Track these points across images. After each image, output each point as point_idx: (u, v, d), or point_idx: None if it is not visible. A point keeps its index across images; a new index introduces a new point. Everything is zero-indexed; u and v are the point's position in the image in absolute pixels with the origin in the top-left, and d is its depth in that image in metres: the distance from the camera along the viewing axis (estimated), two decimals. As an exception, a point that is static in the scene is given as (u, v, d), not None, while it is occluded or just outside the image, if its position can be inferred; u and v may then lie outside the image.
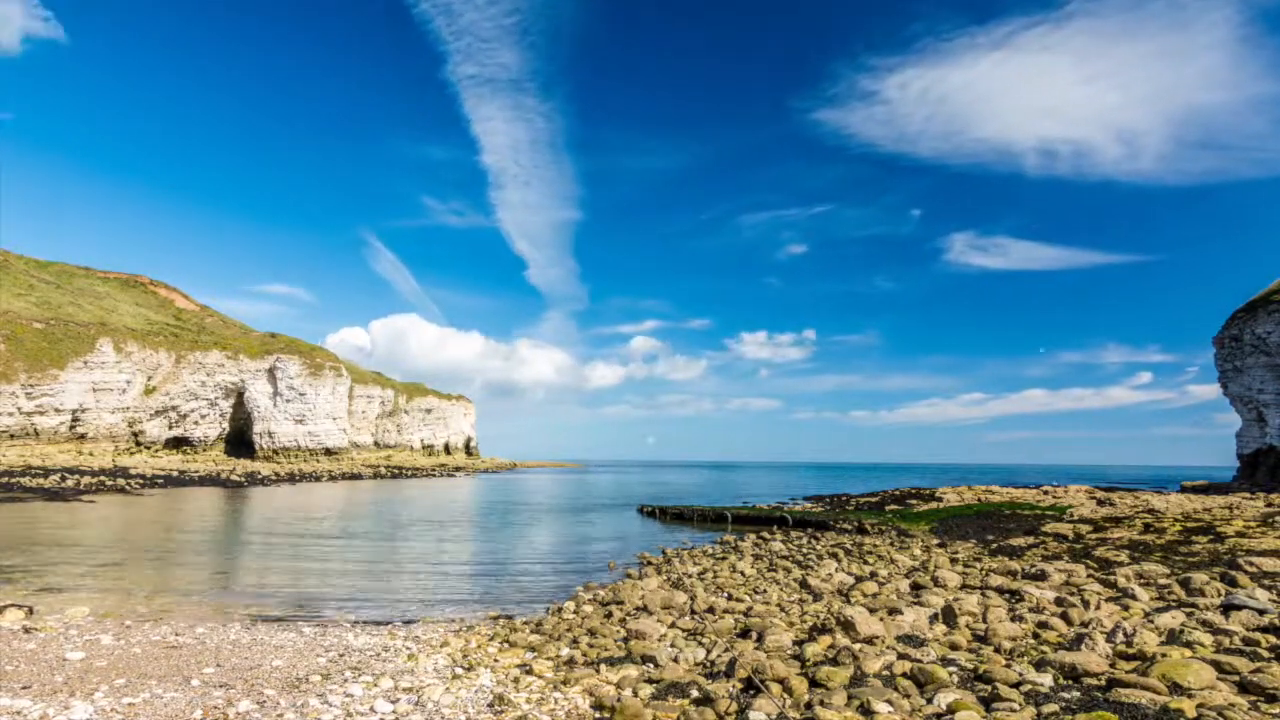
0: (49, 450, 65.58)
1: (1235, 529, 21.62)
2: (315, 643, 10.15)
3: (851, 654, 8.27)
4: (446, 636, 10.70)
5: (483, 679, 8.22)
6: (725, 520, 33.65)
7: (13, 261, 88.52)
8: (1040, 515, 30.79)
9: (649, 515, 37.30)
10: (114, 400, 73.46)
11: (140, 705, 7.03)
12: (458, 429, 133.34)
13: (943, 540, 23.99)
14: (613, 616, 12.09)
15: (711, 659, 8.91)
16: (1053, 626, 10.04)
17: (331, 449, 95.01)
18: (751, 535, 26.35)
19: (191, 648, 9.61)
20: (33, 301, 77.49)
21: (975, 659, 8.53)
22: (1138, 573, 14.32)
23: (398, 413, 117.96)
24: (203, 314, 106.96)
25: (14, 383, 63.49)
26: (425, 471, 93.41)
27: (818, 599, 13.32)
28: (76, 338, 71.76)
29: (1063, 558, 17.98)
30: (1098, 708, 6.49)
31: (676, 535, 28.38)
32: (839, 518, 30.78)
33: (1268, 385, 57.57)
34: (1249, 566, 14.21)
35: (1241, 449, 61.55)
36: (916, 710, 6.68)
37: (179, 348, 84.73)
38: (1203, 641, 8.65)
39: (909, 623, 10.17)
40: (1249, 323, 59.06)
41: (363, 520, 32.46)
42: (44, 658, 8.72)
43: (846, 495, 53.76)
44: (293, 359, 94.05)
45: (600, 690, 7.68)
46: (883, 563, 18.46)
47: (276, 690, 7.71)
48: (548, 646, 9.79)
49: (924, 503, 40.71)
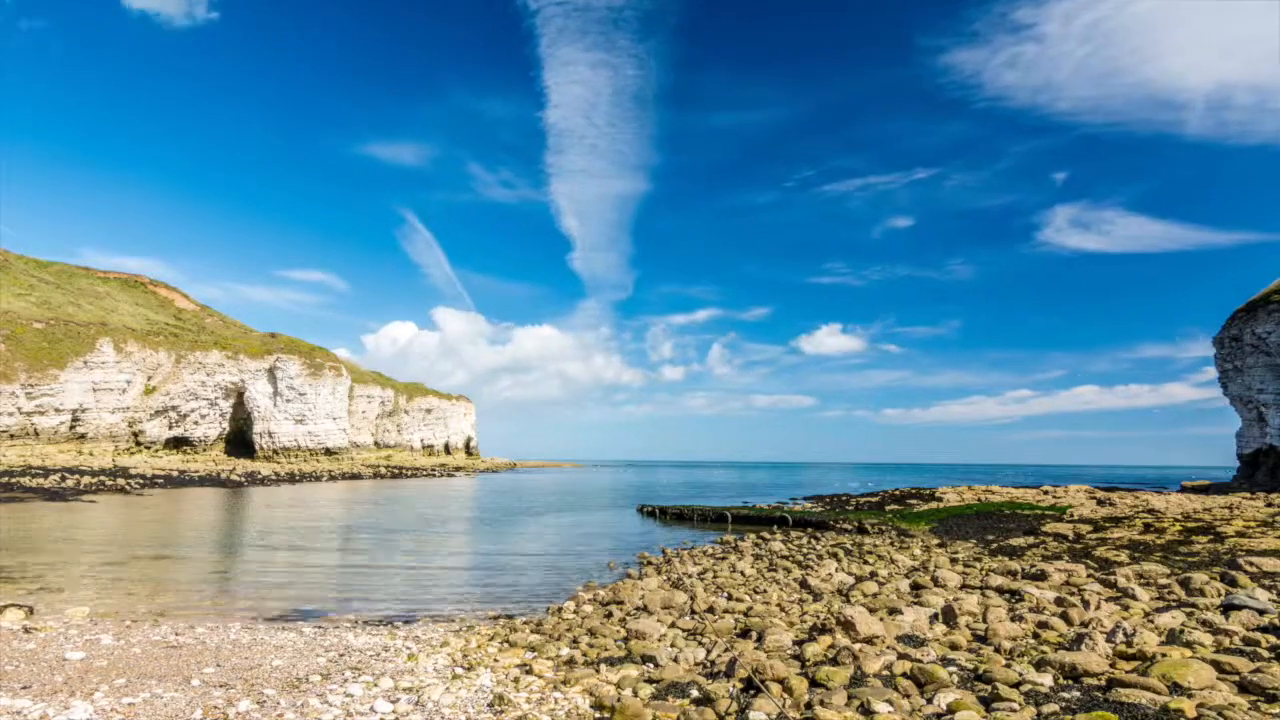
0: (49, 450, 65.56)
1: (1235, 529, 21.62)
2: (315, 642, 10.15)
3: (851, 654, 8.26)
4: (446, 636, 10.70)
5: (483, 679, 8.21)
6: (725, 520, 33.64)
7: (13, 261, 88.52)
8: (1040, 515, 30.78)
9: (649, 515, 37.29)
10: (114, 400, 73.44)
11: (140, 705, 7.03)
12: (458, 429, 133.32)
13: (943, 540, 23.98)
14: (613, 616, 12.09)
15: (711, 659, 8.91)
16: (1053, 626, 10.03)
17: (331, 449, 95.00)
18: (751, 535, 26.34)
19: (191, 648, 9.60)
20: (33, 301, 77.49)
21: (975, 659, 8.52)
22: (1138, 573, 14.31)
23: (398, 413, 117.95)
24: (203, 314, 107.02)
25: (14, 383, 63.47)
26: (425, 471, 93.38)
27: (818, 599, 13.32)
28: (76, 338, 71.74)
29: (1063, 558, 17.98)
30: (1098, 708, 6.49)
31: (676, 535, 28.37)
32: (839, 518, 30.77)
33: (1268, 385, 57.55)
34: (1249, 566, 14.21)
35: (1241, 449, 61.54)
36: (916, 710, 6.68)
37: (179, 348, 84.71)
38: (1203, 641, 8.65)
39: (909, 623, 10.17)
40: (1249, 323, 59.03)
41: (362, 520, 32.45)
42: (44, 658, 8.72)
43: (846, 495, 53.76)
44: (293, 359, 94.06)
45: (600, 690, 7.68)
46: (883, 563, 18.46)
47: (276, 690, 7.70)
48: (548, 646, 9.79)
49: (924, 502, 40.72)
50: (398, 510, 38.40)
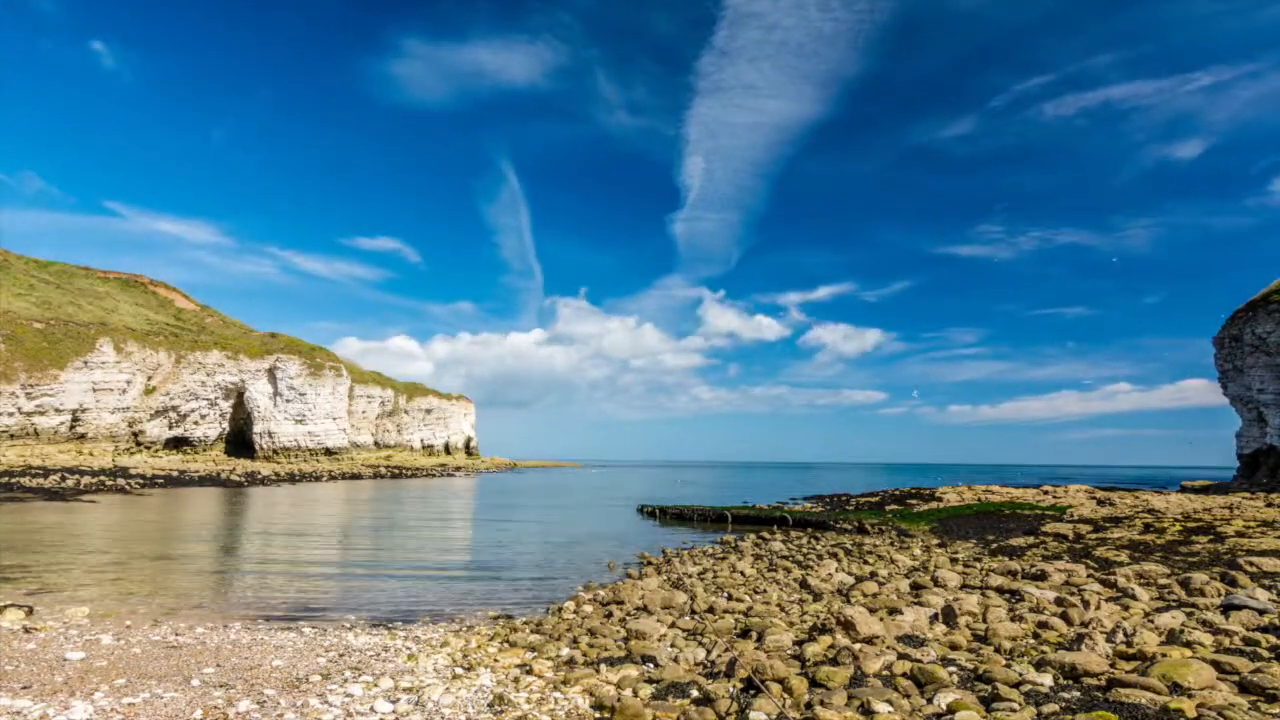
0: (49, 450, 65.54)
1: (1235, 529, 21.62)
2: (315, 642, 10.15)
3: (851, 654, 8.26)
4: (446, 636, 10.70)
5: (483, 679, 8.21)
6: (725, 520, 33.63)
7: (13, 261, 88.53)
8: (1040, 515, 30.79)
9: (649, 515, 37.28)
10: (114, 400, 73.43)
11: (140, 705, 7.03)
12: (458, 429, 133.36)
13: (943, 540, 23.98)
14: (613, 616, 12.09)
15: (711, 659, 8.91)
16: (1053, 626, 10.03)
17: (331, 449, 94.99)
18: (751, 535, 26.35)
19: (191, 648, 9.60)
20: (33, 301, 77.49)
21: (975, 659, 8.52)
22: (1138, 573, 14.31)
23: (398, 413, 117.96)
24: (203, 314, 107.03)
25: (14, 383, 63.46)
26: (425, 471, 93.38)
27: (818, 599, 13.32)
28: (76, 338, 71.74)
29: (1063, 558, 17.97)
30: (1098, 708, 6.49)
31: (676, 535, 28.36)
32: (839, 518, 30.77)
33: (1268, 385, 57.53)
34: (1249, 566, 14.21)
35: (1241, 449, 61.52)
36: (916, 710, 6.68)
37: (179, 348, 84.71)
38: (1203, 641, 8.65)
39: (909, 623, 10.16)
40: (1249, 322, 59.00)
41: (362, 520, 32.45)
42: (44, 658, 8.72)
43: (846, 495, 53.77)
44: (293, 359, 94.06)
45: (600, 690, 7.68)
46: (883, 563, 18.45)
47: (276, 690, 7.70)
48: (548, 646, 9.78)
49: (924, 502, 40.73)
50: (397, 510, 38.40)
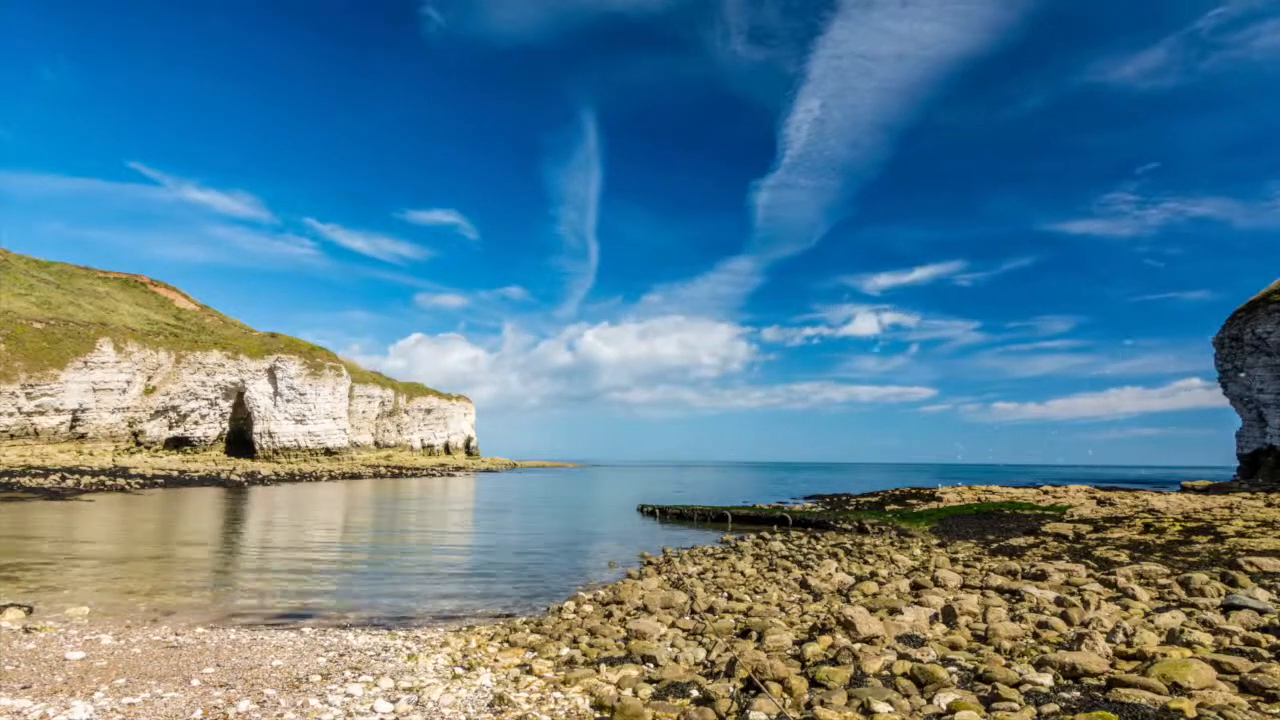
0: (49, 450, 65.53)
1: (1235, 529, 21.61)
2: (315, 642, 10.15)
3: (851, 654, 8.26)
4: (446, 636, 10.70)
5: (483, 679, 8.21)
6: (725, 520, 33.64)
7: (13, 261, 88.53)
8: (1040, 515, 30.78)
9: (649, 515, 37.29)
10: (114, 400, 73.42)
11: (140, 705, 7.03)
12: (458, 429, 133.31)
13: (943, 540, 23.98)
14: (613, 616, 12.09)
15: (711, 659, 8.91)
16: (1053, 626, 10.03)
17: (331, 449, 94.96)
18: (752, 535, 26.35)
19: (191, 647, 9.60)
20: (33, 301, 77.47)
21: (975, 659, 8.52)
22: (1138, 573, 14.31)
23: (398, 413, 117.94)
24: (203, 314, 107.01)
25: (14, 383, 63.46)
26: (425, 471, 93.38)
27: (818, 599, 13.32)
28: (76, 338, 71.73)
29: (1063, 558, 17.97)
30: (1098, 708, 6.49)
31: (677, 535, 28.36)
32: (839, 518, 30.77)
33: (1268, 385, 57.54)
34: (1249, 566, 14.21)
35: (1241, 449, 61.53)
36: (916, 710, 6.68)
37: (179, 348, 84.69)
38: (1203, 641, 8.65)
39: (909, 622, 10.16)
40: (1249, 322, 59.01)
41: (362, 520, 32.45)
42: (44, 658, 8.72)
43: (846, 495, 53.77)
44: (293, 359, 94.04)
45: (600, 690, 7.68)
46: (883, 563, 18.45)
47: (276, 690, 7.70)
48: (548, 646, 9.78)
49: (924, 502, 40.72)
50: (397, 510, 38.39)
